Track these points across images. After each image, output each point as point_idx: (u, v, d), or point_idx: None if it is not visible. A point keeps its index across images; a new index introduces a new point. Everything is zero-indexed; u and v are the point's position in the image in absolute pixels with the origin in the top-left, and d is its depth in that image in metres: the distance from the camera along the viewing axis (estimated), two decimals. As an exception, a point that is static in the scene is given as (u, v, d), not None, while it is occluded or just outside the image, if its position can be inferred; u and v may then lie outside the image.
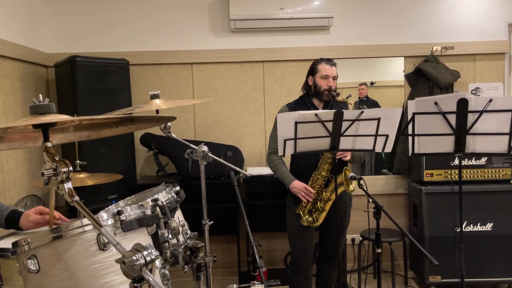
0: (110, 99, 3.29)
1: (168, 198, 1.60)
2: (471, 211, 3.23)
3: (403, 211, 3.81)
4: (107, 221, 1.25)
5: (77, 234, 1.21)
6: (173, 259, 1.47)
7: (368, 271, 3.70)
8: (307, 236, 2.76)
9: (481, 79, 3.79)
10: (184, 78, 3.74)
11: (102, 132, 1.36)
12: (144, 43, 3.68)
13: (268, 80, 3.76)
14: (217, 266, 3.73)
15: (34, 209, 1.75)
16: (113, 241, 0.93)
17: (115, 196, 3.24)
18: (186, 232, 1.66)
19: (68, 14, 3.63)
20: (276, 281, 3.52)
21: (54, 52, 3.60)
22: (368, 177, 3.79)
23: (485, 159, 3.32)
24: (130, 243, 1.11)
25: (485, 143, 2.20)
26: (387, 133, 2.31)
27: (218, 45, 3.71)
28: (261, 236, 3.63)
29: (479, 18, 3.75)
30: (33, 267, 1.19)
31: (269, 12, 3.54)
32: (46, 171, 0.94)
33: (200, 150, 2.23)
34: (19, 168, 3.06)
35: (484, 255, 3.25)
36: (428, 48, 3.69)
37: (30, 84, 3.31)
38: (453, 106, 2.17)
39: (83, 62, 3.18)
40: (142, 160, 3.77)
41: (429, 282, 3.27)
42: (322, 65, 2.71)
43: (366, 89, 3.93)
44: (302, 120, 2.24)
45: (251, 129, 3.79)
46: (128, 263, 0.89)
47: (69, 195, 0.96)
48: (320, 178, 2.64)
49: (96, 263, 1.21)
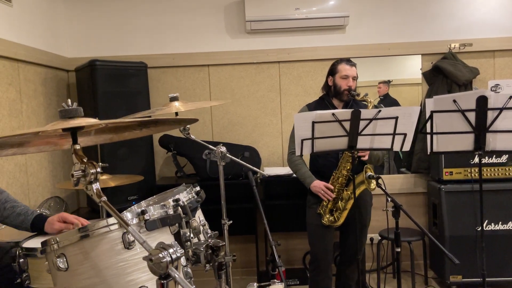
0: (129, 102, 3.35)
1: (189, 198, 1.63)
2: (492, 209, 3.18)
3: (422, 210, 3.78)
4: (131, 220, 1.29)
5: (103, 233, 1.25)
6: (195, 258, 1.50)
7: (387, 271, 3.67)
8: (327, 236, 2.76)
9: (501, 76, 3.73)
10: (201, 80, 3.78)
11: (124, 134, 1.40)
12: (161, 46, 3.74)
13: (284, 80, 3.77)
14: (236, 265, 3.76)
15: (57, 216, 1.79)
16: (140, 239, 0.96)
17: (135, 197, 3.29)
18: (207, 232, 1.69)
19: (87, 19, 3.71)
20: (295, 280, 3.53)
21: (74, 56, 3.68)
22: (387, 176, 3.76)
23: (506, 157, 3.27)
24: (154, 242, 1.14)
25: (506, 141, 2.17)
26: (405, 131, 2.30)
27: (234, 47, 3.74)
28: (279, 236, 3.64)
29: (498, 13, 3.69)
30: (62, 265, 1.23)
31: (285, 13, 3.55)
32: (75, 172, 0.98)
33: (219, 150, 2.26)
34: (42, 170, 3.14)
35: (506, 254, 3.20)
36: (446, 45, 3.65)
37: (52, 88, 3.40)
38: (472, 104, 2.15)
39: (103, 66, 3.24)
40: (161, 161, 3.82)
41: (450, 281, 3.24)
42: (342, 65, 2.72)
43: (384, 87, 3.89)
44: (319, 119, 2.25)
45: (268, 129, 3.81)
46: (155, 260, 0.92)
47: (97, 195, 0.99)
48: (341, 177, 2.64)
49: (121, 261, 1.25)
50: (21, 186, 2.85)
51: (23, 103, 2.94)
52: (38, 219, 1.81)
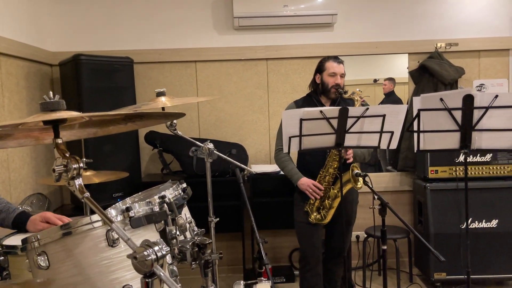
0: (114, 98, 3.30)
1: (175, 195, 1.61)
2: (476, 207, 3.22)
3: (408, 208, 3.81)
4: (116, 217, 1.26)
5: (86, 231, 1.22)
6: (181, 256, 1.48)
7: (373, 268, 3.70)
8: (316, 233, 2.76)
9: (486, 76, 3.78)
10: (188, 76, 3.74)
11: (109, 129, 1.37)
12: (148, 41, 3.68)
13: (272, 77, 3.76)
14: (222, 263, 3.74)
15: (40, 216, 1.75)
16: (124, 236, 0.94)
17: (120, 194, 3.24)
18: (193, 229, 1.67)
19: (72, 12, 3.64)
20: (281, 278, 3.53)
21: (58, 50, 3.61)
22: (373, 174, 3.75)
23: (490, 156, 3.31)
24: (139, 240, 1.12)
25: (491, 139, 2.19)
26: (392, 129, 2.31)
27: (222, 43, 3.71)
28: (266, 233, 3.62)
29: (483, 14, 3.73)
30: (43, 263, 1.20)
31: (273, 10, 3.53)
32: (57, 167, 0.95)
33: (206, 147, 2.24)
34: (25, 166, 3.07)
35: (490, 251, 3.24)
36: (433, 44, 3.68)
37: (35, 82, 3.32)
38: (458, 103, 2.16)
39: (88, 61, 3.18)
40: (147, 158, 3.78)
41: (434, 279, 3.27)
42: (329, 62, 2.72)
43: (389, 84, 3.87)
44: (307, 117, 2.24)
45: (255, 126, 3.79)
46: (139, 258, 0.89)
47: (79, 191, 0.96)
48: (328, 175, 2.64)
49: (105, 259, 1.22)
50: (3, 182, 2.78)
51: (5, 97, 2.87)
52: (20, 217, 1.76)
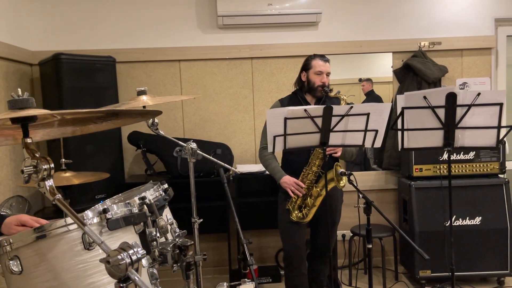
0: (96, 97, 3.23)
1: (156, 196, 1.57)
2: (460, 205, 3.25)
3: (393, 206, 3.82)
4: (92, 219, 1.22)
5: (61, 234, 1.18)
6: (162, 258, 1.44)
7: (359, 267, 3.70)
8: (299, 232, 2.74)
9: (468, 74, 3.82)
10: (172, 75, 3.69)
11: (88, 127, 1.33)
12: (131, 40, 3.62)
13: (257, 77, 3.74)
14: (208, 264, 3.70)
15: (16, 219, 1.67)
16: (97, 240, 0.90)
17: (103, 195, 3.18)
18: (175, 231, 1.63)
19: (53, 11, 3.56)
20: (267, 278, 3.51)
21: (38, 49, 3.52)
22: (358, 173, 3.78)
23: (473, 154, 3.34)
24: (117, 242, 1.08)
25: (474, 137, 2.20)
26: (377, 128, 2.30)
27: (206, 42, 3.67)
28: (252, 233, 3.60)
29: (466, 13, 3.77)
30: (15, 268, 1.16)
31: (257, 8, 3.51)
32: (26, 168, 0.91)
33: (189, 147, 2.20)
34: (3, 168, 2.99)
35: (473, 249, 3.27)
36: (416, 43, 3.70)
37: (14, 82, 3.24)
38: (442, 101, 2.17)
39: (69, 60, 3.12)
40: (131, 159, 3.72)
41: (419, 276, 3.28)
42: (316, 61, 2.70)
43: (368, 85, 3.91)
44: (291, 116, 2.22)
45: (240, 126, 3.76)
46: (113, 262, 0.86)
47: (50, 193, 0.92)
48: (311, 173, 2.63)
49: (81, 263, 1.18)
50: (-20, 185, 2.70)
51: (-18, 98, 2.79)
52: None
